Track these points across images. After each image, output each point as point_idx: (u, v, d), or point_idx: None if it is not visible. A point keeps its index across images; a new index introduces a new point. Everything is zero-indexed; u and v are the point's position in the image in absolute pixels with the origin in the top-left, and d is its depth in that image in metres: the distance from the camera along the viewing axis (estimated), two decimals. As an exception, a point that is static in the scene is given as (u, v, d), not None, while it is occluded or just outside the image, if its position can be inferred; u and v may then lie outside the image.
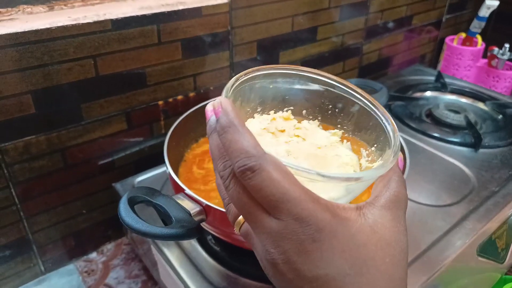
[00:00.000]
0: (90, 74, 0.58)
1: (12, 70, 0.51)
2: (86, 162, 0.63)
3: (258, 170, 0.23)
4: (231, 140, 0.24)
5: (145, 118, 0.67)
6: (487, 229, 0.60)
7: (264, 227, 0.24)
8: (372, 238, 0.24)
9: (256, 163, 0.23)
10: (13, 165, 0.55)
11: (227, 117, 0.24)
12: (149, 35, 0.61)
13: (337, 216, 0.24)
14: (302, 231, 0.23)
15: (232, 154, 0.24)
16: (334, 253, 0.23)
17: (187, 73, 0.69)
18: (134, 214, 0.42)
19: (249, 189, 0.24)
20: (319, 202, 0.24)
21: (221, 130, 0.24)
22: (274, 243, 0.24)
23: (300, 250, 0.23)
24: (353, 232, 0.24)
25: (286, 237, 0.23)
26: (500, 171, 0.72)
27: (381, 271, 0.24)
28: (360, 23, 0.95)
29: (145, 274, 0.65)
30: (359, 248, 0.24)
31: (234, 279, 0.50)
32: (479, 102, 0.97)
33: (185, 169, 0.61)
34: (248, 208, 0.24)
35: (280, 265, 0.24)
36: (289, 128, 0.33)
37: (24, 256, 0.62)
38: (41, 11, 0.56)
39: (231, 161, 0.24)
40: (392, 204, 0.26)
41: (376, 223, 0.25)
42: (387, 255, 0.25)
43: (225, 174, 0.25)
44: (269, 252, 0.24)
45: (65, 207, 0.63)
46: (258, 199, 0.24)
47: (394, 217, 0.26)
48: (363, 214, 0.25)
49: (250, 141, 0.23)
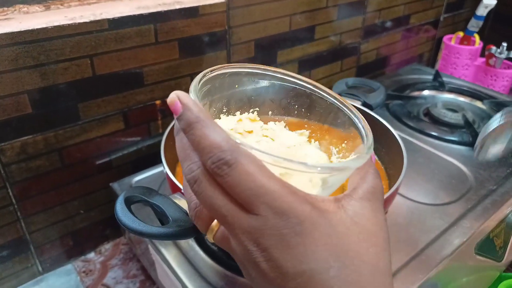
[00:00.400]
0: (87, 73, 0.58)
1: (8, 70, 0.51)
2: (83, 161, 0.63)
3: (234, 164, 0.21)
4: (200, 136, 0.22)
5: (143, 117, 0.67)
6: (485, 227, 0.60)
7: (242, 226, 0.23)
8: (353, 229, 0.24)
9: (232, 156, 0.22)
10: (10, 165, 0.55)
11: (191, 112, 0.23)
12: (146, 35, 0.61)
13: (316, 208, 0.23)
14: (283, 225, 0.22)
15: (203, 150, 0.22)
16: (317, 246, 0.22)
17: (184, 72, 0.68)
18: (131, 214, 0.41)
19: (225, 186, 0.22)
20: (297, 194, 0.23)
21: (188, 127, 0.23)
22: (255, 241, 0.23)
23: (283, 245, 0.22)
24: (334, 223, 0.23)
25: (266, 233, 0.22)
26: (498, 169, 0.72)
27: (365, 262, 0.24)
28: (358, 22, 0.95)
29: (143, 274, 0.65)
30: (341, 239, 0.23)
31: (231, 278, 0.50)
32: (477, 101, 0.97)
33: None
34: (224, 209, 0.23)
35: (262, 263, 0.23)
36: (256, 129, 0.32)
37: (22, 256, 0.62)
38: (37, 10, 0.56)
39: (202, 158, 0.22)
40: (371, 196, 0.26)
41: (356, 214, 0.24)
42: (371, 245, 0.24)
43: (194, 175, 0.23)
44: (250, 252, 0.23)
45: (63, 206, 0.63)
46: (234, 196, 0.22)
47: (373, 208, 0.25)
48: (342, 206, 0.25)
49: (222, 134, 0.22)
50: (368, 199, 0.26)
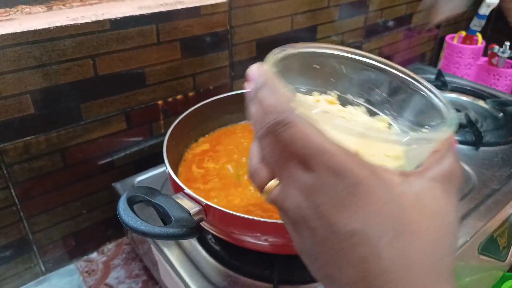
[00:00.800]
0: (89, 74, 0.58)
1: (10, 70, 0.51)
2: (85, 162, 0.63)
3: (290, 123, 0.22)
4: (264, 97, 0.24)
5: (145, 117, 0.67)
6: (488, 227, 0.60)
7: (297, 181, 0.23)
8: (416, 204, 0.22)
9: (286, 116, 0.23)
10: (12, 165, 0.55)
11: (261, 78, 0.25)
12: (148, 35, 0.61)
13: (377, 174, 0.22)
14: (338, 183, 0.22)
15: (265, 109, 0.24)
16: (371, 210, 0.22)
17: (186, 72, 0.69)
18: (133, 214, 0.41)
19: (283, 143, 0.23)
20: (356, 158, 0.22)
21: (255, 91, 0.25)
22: (307, 197, 0.23)
23: (335, 203, 0.22)
24: (394, 193, 0.22)
25: (320, 190, 0.22)
26: (501, 169, 0.71)
27: (423, 240, 0.22)
28: (359, 21, 0.95)
29: (145, 274, 0.65)
30: (400, 211, 0.22)
31: (234, 278, 0.50)
32: (479, 100, 0.97)
33: (185, 169, 0.61)
34: (281, 163, 0.24)
35: (312, 221, 0.23)
36: (333, 111, 0.31)
37: (25, 257, 0.62)
38: (39, 11, 0.56)
39: (264, 118, 0.24)
40: (444, 179, 0.24)
41: (422, 191, 0.23)
42: (432, 225, 0.23)
43: (260, 134, 0.25)
44: (301, 208, 0.23)
45: (65, 207, 0.63)
46: (291, 153, 0.23)
47: (444, 191, 0.24)
48: (408, 181, 0.23)
49: (282, 97, 0.23)
50: (440, 181, 0.24)
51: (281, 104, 0.23)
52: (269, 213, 0.51)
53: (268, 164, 0.25)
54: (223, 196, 0.54)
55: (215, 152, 0.64)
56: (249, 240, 0.46)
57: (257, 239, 0.45)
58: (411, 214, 0.22)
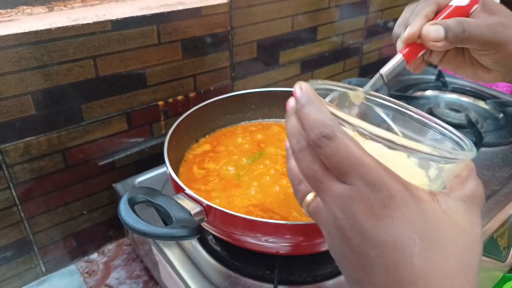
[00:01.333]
0: (90, 74, 0.58)
1: (12, 71, 0.51)
2: (86, 162, 0.63)
3: (333, 137, 0.24)
4: (308, 114, 0.25)
5: (145, 118, 0.67)
6: (488, 228, 0.60)
7: (334, 193, 0.24)
8: (444, 219, 0.24)
9: (331, 131, 0.24)
10: (13, 166, 0.56)
11: (306, 96, 0.26)
12: (149, 36, 0.61)
13: (409, 190, 0.24)
14: (373, 195, 0.23)
15: (309, 125, 0.25)
16: (404, 222, 0.23)
17: (187, 73, 0.69)
18: (134, 214, 0.42)
19: (323, 157, 0.25)
20: (392, 172, 0.24)
21: (300, 107, 0.26)
22: (343, 208, 0.24)
23: (370, 214, 0.23)
24: (424, 209, 0.24)
25: (356, 201, 0.24)
26: (501, 169, 0.71)
27: (452, 251, 0.24)
28: (360, 22, 0.95)
29: (146, 275, 0.65)
30: (430, 224, 0.24)
31: (235, 278, 0.50)
32: (480, 101, 0.97)
33: (186, 169, 0.61)
34: (320, 175, 0.25)
35: (347, 230, 0.24)
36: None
37: (25, 257, 0.62)
38: (40, 12, 0.56)
39: (307, 133, 0.25)
40: (468, 199, 0.26)
41: (449, 209, 0.25)
42: (460, 238, 0.24)
43: (298, 147, 0.26)
44: (337, 218, 0.24)
45: (66, 207, 0.63)
46: (330, 166, 0.24)
47: (469, 210, 0.25)
48: (437, 199, 0.25)
49: (327, 114, 0.25)
50: (464, 201, 0.25)
51: (326, 119, 0.25)
52: (269, 214, 0.51)
53: (306, 176, 0.27)
54: (224, 196, 0.54)
55: (216, 153, 0.64)
56: (249, 240, 0.47)
57: (258, 240, 0.46)
58: (440, 228, 0.24)
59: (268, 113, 0.73)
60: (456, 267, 0.23)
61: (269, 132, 0.69)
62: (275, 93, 0.72)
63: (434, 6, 0.40)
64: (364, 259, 0.24)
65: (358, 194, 0.23)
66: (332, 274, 0.51)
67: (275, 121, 0.74)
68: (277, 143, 0.65)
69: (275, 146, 0.65)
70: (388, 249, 0.23)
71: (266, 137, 0.67)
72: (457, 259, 0.24)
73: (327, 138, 0.24)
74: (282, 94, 0.72)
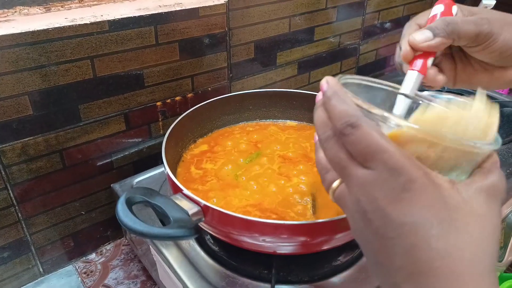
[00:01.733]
0: (88, 75, 0.58)
1: (9, 72, 0.51)
2: (84, 163, 0.63)
3: (357, 126, 0.25)
4: (334, 105, 0.27)
5: (143, 119, 0.67)
6: (484, 227, 0.61)
7: (357, 178, 0.26)
8: (463, 206, 0.25)
9: (356, 120, 0.26)
10: (11, 166, 0.55)
11: (332, 89, 0.28)
12: (147, 36, 0.61)
13: (429, 176, 0.25)
14: (394, 180, 0.24)
15: (335, 116, 0.27)
16: (423, 205, 0.24)
17: (185, 74, 0.69)
18: (132, 215, 0.42)
19: (348, 144, 0.26)
20: (413, 160, 0.25)
21: (327, 99, 0.28)
22: (366, 192, 0.26)
23: (390, 197, 0.24)
24: (444, 195, 0.25)
25: (377, 185, 0.25)
26: (497, 169, 0.72)
27: (470, 237, 0.24)
28: (357, 23, 0.96)
29: (144, 275, 0.65)
30: (448, 209, 0.24)
31: (232, 278, 0.51)
32: (476, 101, 0.97)
33: (183, 169, 0.61)
34: (344, 162, 0.27)
35: (369, 213, 0.25)
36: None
37: (23, 258, 0.62)
38: (37, 12, 0.56)
39: (333, 123, 0.27)
40: (489, 190, 0.26)
41: (469, 197, 0.25)
42: (478, 225, 0.25)
43: (325, 136, 0.28)
44: (360, 202, 0.26)
45: (64, 208, 0.63)
46: (354, 153, 0.26)
47: (489, 199, 0.26)
48: (456, 188, 0.25)
49: (351, 105, 0.27)
50: (484, 191, 0.26)
51: (351, 109, 0.26)
52: (266, 214, 0.51)
53: (332, 164, 0.28)
54: (222, 197, 0.54)
55: (214, 153, 0.64)
56: (247, 240, 0.47)
57: (255, 240, 0.46)
58: (458, 213, 0.25)
59: (265, 114, 0.73)
60: (473, 252, 0.24)
61: (266, 132, 0.69)
62: (273, 94, 0.73)
63: (415, 26, 0.43)
64: (384, 241, 0.25)
65: (380, 178, 0.25)
66: (329, 274, 0.51)
67: (272, 121, 0.74)
68: (274, 144, 0.66)
69: (272, 146, 0.65)
70: (407, 230, 0.24)
71: (263, 137, 0.68)
72: (475, 244, 0.24)
73: (352, 126, 0.26)
74: (279, 94, 0.72)
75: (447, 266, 0.24)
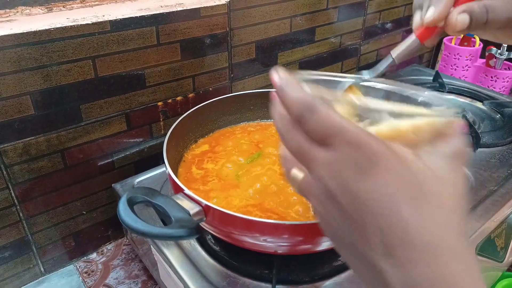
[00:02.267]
0: (89, 75, 0.58)
1: (11, 71, 0.51)
2: (85, 163, 0.63)
3: (314, 110, 0.25)
4: (288, 94, 0.27)
5: (145, 118, 0.67)
6: (486, 228, 0.61)
7: (321, 161, 0.25)
8: (429, 173, 0.25)
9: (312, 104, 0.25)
10: (12, 166, 0.56)
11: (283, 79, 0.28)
12: (148, 36, 0.61)
13: (392, 149, 0.25)
14: (358, 155, 0.24)
15: (291, 105, 0.27)
16: (390, 178, 0.24)
17: (186, 74, 0.69)
18: (134, 214, 0.42)
19: (307, 130, 0.26)
20: (373, 136, 0.25)
21: (280, 90, 0.28)
22: (332, 174, 0.25)
23: (356, 173, 0.24)
24: (408, 165, 0.25)
25: (342, 164, 0.24)
26: (498, 170, 0.72)
27: (439, 202, 0.24)
28: (358, 23, 0.96)
29: (145, 274, 0.65)
30: (415, 178, 0.24)
31: (233, 278, 0.51)
32: (477, 101, 0.97)
33: (185, 169, 0.61)
34: (306, 148, 0.26)
35: (338, 196, 0.25)
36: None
37: (24, 257, 0.62)
38: (39, 12, 0.56)
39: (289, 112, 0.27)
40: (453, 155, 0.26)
41: (434, 165, 0.25)
42: (445, 192, 0.25)
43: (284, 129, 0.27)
44: (327, 186, 0.25)
45: (65, 207, 0.63)
46: (314, 137, 0.26)
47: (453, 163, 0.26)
48: (419, 156, 0.26)
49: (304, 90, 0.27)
50: (449, 157, 0.26)
51: (305, 96, 0.26)
52: (267, 214, 0.51)
53: (294, 154, 0.28)
54: (223, 196, 0.54)
55: (215, 153, 0.64)
56: (248, 240, 0.47)
57: (256, 239, 0.46)
58: (425, 181, 0.25)
59: (267, 114, 0.73)
60: (446, 221, 0.24)
61: (267, 132, 0.69)
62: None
63: None
64: (356, 222, 0.25)
65: (343, 156, 0.24)
66: (330, 274, 0.51)
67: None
68: (276, 144, 0.66)
69: (274, 146, 0.65)
70: (376, 205, 0.24)
71: (264, 137, 0.68)
72: (445, 209, 0.25)
73: (309, 111, 0.25)
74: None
75: (424, 239, 0.24)
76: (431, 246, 0.24)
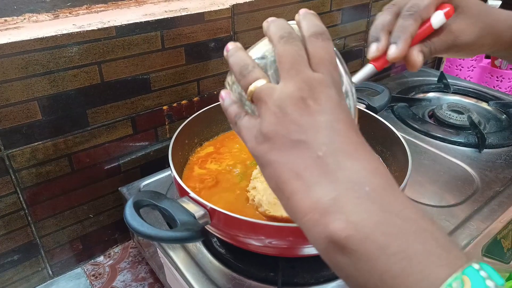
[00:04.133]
0: (95, 80, 0.59)
1: (18, 78, 0.52)
2: (92, 166, 0.64)
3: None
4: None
5: (150, 122, 0.68)
6: (492, 229, 0.60)
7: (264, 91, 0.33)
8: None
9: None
10: (20, 170, 0.56)
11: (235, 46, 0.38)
12: (153, 41, 0.62)
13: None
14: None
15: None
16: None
17: (191, 78, 0.69)
18: (140, 218, 0.42)
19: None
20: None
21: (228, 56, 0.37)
22: (278, 104, 0.31)
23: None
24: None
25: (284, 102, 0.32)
26: (504, 171, 0.72)
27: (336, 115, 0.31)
28: (362, 25, 0.96)
29: (151, 277, 0.65)
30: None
31: (239, 280, 0.51)
32: (482, 102, 0.97)
33: (190, 172, 0.61)
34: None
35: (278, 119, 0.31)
36: None
37: (32, 260, 0.63)
38: (46, 19, 0.57)
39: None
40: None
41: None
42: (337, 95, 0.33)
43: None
44: (274, 113, 0.31)
45: (72, 211, 0.64)
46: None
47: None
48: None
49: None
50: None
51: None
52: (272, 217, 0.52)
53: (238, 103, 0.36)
54: (228, 199, 0.55)
55: (219, 154, 0.64)
56: (253, 243, 0.47)
57: (261, 242, 0.46)
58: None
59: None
60: (348, 118, 0.31)
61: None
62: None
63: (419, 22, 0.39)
64: (298, 149, 0.29)
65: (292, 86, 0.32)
66: (335, 276, 0.51)
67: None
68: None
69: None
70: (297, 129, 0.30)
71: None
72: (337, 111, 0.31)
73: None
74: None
75: (334, 144, 0.29)
76: (351, 144, 0.30)
